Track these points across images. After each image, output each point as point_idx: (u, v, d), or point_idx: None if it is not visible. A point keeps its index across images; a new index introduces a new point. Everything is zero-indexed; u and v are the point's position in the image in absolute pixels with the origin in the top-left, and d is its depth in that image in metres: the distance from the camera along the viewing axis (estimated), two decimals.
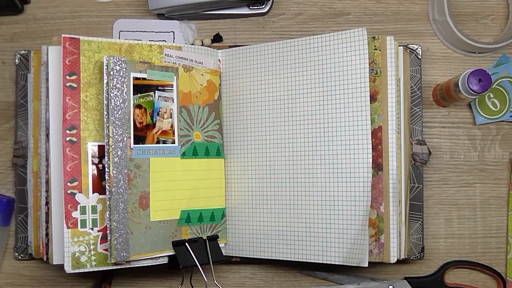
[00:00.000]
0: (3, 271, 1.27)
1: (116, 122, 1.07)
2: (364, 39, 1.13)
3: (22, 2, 1.28)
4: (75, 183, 1.07)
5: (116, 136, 1.07)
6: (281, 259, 1.18)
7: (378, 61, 1.16)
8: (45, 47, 1.12)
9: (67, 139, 1.06)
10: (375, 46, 1.16)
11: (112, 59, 1.08)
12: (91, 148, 1.08)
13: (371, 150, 1.12)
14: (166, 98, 1.14)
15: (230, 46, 1.26)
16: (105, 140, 1.07)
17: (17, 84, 1.25)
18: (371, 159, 1.11)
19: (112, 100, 1.07)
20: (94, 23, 1.30)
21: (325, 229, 1.14)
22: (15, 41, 1.29)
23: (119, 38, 1.28)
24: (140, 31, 1.29)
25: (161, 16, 1.29)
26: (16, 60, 1.25)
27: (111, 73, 1.08)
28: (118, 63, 1.09)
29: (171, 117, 1.14)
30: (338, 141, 1.14)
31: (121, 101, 1.09)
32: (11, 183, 1.27)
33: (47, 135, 1.11)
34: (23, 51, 1.25)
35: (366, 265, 1.11)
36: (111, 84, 1.08)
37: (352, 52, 1.14)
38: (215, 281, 1.14)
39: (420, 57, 1.25)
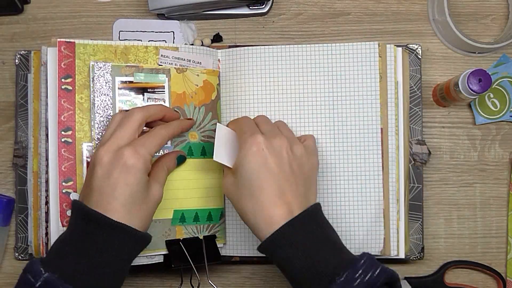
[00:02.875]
0: (3, 271, 1.27)
1: (101, 125, 1.10)
2: (375, 52, 1.17)
3: (22, 2, 1.28)
4: (70, 183, 1.08)
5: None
6: None
7: (379, 67, 1.18)
8: (45, 48, 1.13)
9: (63, 140, 1.07)
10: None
11: (96, 64, 1.09)
12: (86, 148, 1.09)
13: (381, 152, 1.15)
14: (156, 100, 1.14)
15: (230, 46, 1.26)
16: (95, 143, 1.09)
17: (17, 84, 1.26)
18: (381, 161, 1.15)
19: (96, 104, 1.09)
20: (94, 23, 1.30)
21: (336, 222, 1.17)
22: (15, 41, 1.30)
23: (119, 38, 1.29)
24: (140, 31, 1.29)
25: (161, 16, 1.29)
26: (16, 60, 1.26)
27: (94, 78, 1.09)
28: (102, 68, 1.10)
29: None
30: (340, 143, 1.15)
31: (105, 105, 1.10)
32: (11, 183, 1.27)
33: (47, 135, 1.11)
34: (23, 51, 1.26)
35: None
36: (96, 89, 1.09)
37: (363, 63, 1.18)
38: (209, 281, 1.14)
39: (420, 57, 1.25)
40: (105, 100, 1.10)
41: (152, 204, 1.02)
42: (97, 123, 1.10)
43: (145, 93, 1.13)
